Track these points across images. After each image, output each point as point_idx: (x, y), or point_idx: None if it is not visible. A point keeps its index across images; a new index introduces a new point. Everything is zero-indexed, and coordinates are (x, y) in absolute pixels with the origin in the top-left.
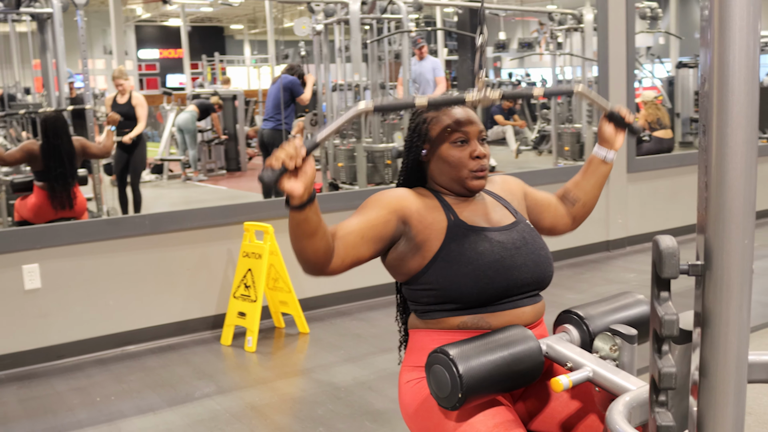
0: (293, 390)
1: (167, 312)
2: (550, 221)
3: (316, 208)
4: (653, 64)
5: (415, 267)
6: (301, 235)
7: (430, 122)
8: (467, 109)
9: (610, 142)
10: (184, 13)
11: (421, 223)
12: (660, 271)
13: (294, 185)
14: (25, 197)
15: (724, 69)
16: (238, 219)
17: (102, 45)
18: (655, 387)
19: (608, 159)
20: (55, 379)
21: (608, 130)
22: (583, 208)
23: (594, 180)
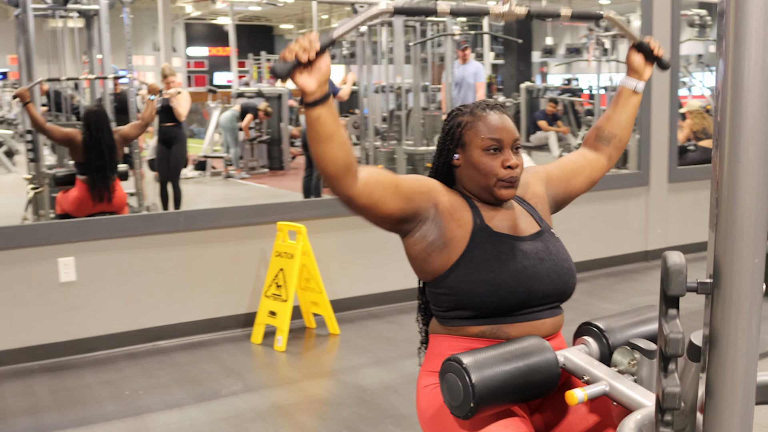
0: (320, 391)
1: (199, 309)
2: (586, 177)
3: (330, 109)
4: (703, 73)
5: (440, 267)
6: (316, 137)
7: (465, 127)
8: (503, 116)
9: (639, 73)
10: (233, 11)
11: (451, 216)
12: (666, 288)
13: (306, 80)
14: (67, 190)
15: (737, 83)
16: (271, 218)
17: (151, 42)
18: (659, 406)
19: (638, 89)
20: (86, 371)
21: (637, 60)
22: (619, 143)
23: (627, 112)
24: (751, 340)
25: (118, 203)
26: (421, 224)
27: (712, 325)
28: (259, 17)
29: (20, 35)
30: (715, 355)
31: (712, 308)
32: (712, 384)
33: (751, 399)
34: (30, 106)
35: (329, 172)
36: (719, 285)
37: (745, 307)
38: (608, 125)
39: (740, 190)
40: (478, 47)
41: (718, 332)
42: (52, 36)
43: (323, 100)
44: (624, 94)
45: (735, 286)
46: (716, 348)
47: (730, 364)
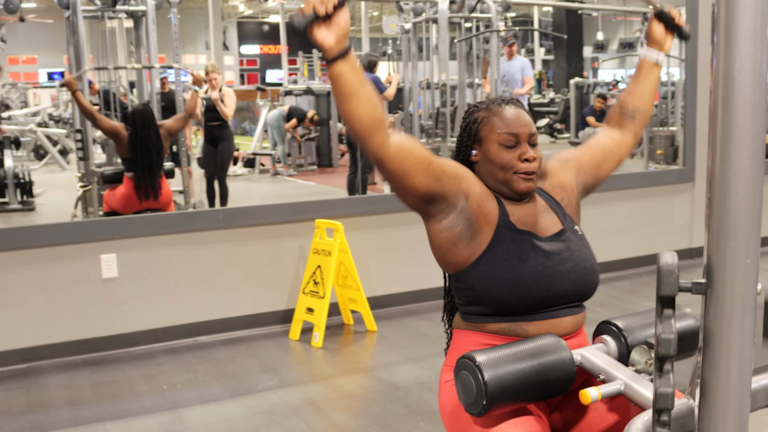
0: (353, 387)
1: (239, 305)
2: (616, 158)
3: (351, 64)
4: None
5: (463, 260)
6: (339, 93)
7: (481, 122)
8: (520, 111)
9: (660, 44)
10: (284, 9)
11: (480, 210)
12: (659, 288)
13: (325, 35)
14: (114, 188)
15: (729, 81)
16: (310, 216)
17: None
18: (655, 407)
19: (659, 61)
20: (127, 365)
21: (658, 31)
22: (643, 117)
23: (650, 84)
24: (745, 340)
25: (164, 201)
26: (447, 211)
27: (706, 325)
28: None
29: (70, 36)
30: (708, 355)
31: (706, 308)
32: (706, 385)
33: (746, 400)
34: (78, 93)
35: (357, 129)
36: (712, 285)
37: (739, 308)
38: (632, 99)
39: (732, 189)
40: (529, 42)
41: (711, 333)
42: (103, 37)
43: (343, 55)
44: (645, 67)
45: (728, 287)
46: (710, 348)
47: (725, 364)
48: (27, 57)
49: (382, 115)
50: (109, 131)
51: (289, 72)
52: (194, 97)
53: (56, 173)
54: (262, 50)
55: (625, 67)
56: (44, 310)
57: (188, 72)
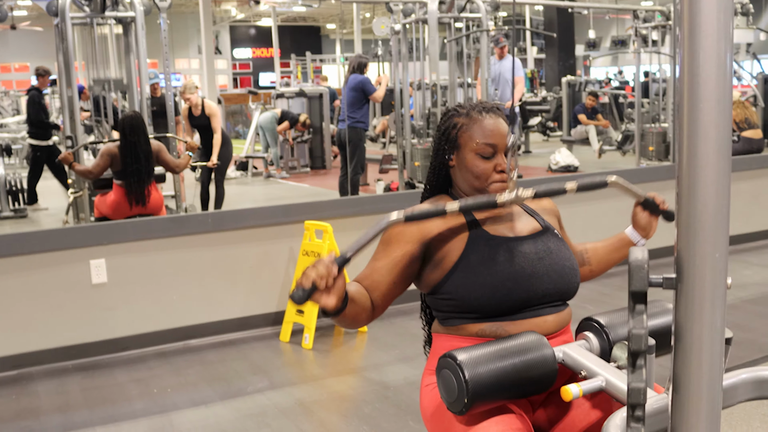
0: (343, 388)
1: (229, 308)
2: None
3: (351, 303)
4: (752, 62)
5: (435, 278)
6: (345, 323)
7: (460, 129)
8: (498, 120)
9: (645, 230)
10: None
11: (442, 241)
12: (629, 284)
13: (327, 300)
14: (105, 194)
15: (694, 76)
16: (299, 218)
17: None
18: (629, 402)
19: (639, 244)
20: (118, 370)
21: (643, 218)
22: (589, 273)
23: (613, 257)
24: (715, 334)
25: (154, 206)
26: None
27: (677, 320)
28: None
29: (59, 43)
30: (680, 350)
31: (676, 303)
32: (678, 379)
33: (717, 394)
34: (75, 165)
35: (362, 324)
36: (682, 280)
37: (708, 302)
38: (591, 253)
39: (699, 184)
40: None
41: (682, 327)
42: (93, 43)
43: (344, 306)
44: (622, 241)
45: (698, 281)
46: (681, 343)
47: (696, 359)
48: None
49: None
50: (107, 164)
51: (282, 75)
52: (186, 160)
53: (49, 180)
54: (255, 53)
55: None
56: (34, 317)
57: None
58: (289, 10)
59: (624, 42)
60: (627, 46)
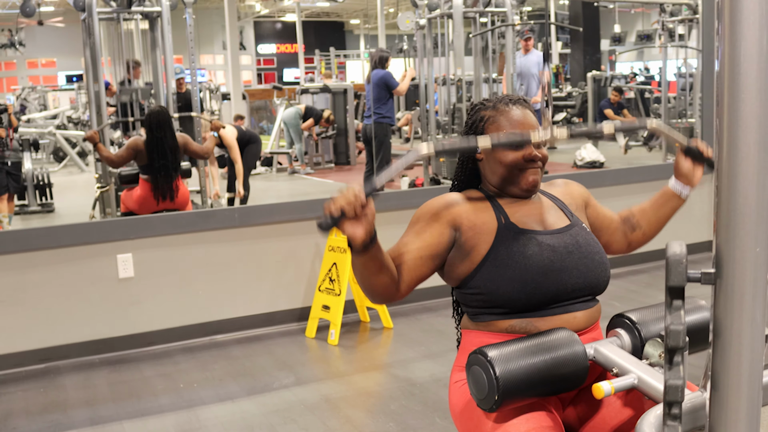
0: (369, 384)
1: (255, 303)
2: (606, 239)
3: (378, 247)
4: None
5: (464, 271)
6: (367, 274)
7: (487, 121)
8: (526, 112)
9: (688, 178)
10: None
11: (471, 229)
12: (667, 279)
13: (355, 230)
14: (131, 189)
15: (735, 66)
16: None
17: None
18: (665, 400)
19: (683, 195)
20: (144, 364)
21: (686, 165)
22: (643, 236)
23: (662, 213)
24: (755, 331)
25: (180, 201)
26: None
27: (715, 316)
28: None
29: (86, 38)
30: (719, 347)
31: (715, 298)
32: (717, 376)
33: (757, 392)
34: (99, 146)
35: (380, 295)
36: (721, 275)
37: (749, 298)
38: (639, 216)
39: (740, 177)
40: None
41: (721, 324)
42: (119, 39)
43: (372, 243)
44: (666, 195)
45: (738, 277)
46: (720, 339)
47: (735, 356)
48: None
49: (395, 272)
50: (131, 157)
51: (306, 70)
52: (212, 141)
53: (75, 175)
54: (279, 49)
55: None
56: (61, 311)
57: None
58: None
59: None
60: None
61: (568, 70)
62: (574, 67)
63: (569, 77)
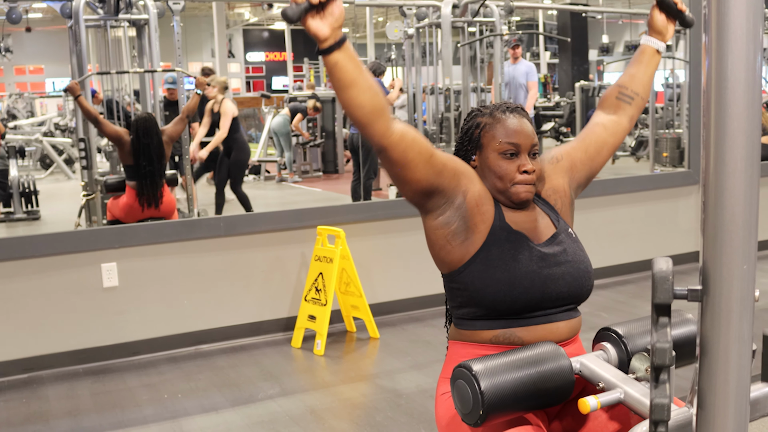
0: (355, 395)
1: (240, 313)
2: (610, 147)
3: (348, 54)
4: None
5: (458, 258)
6: (337, 84)
7: (483, 128)
8: (522, 120)
9: (662, 32)
10: None
11: (477, 208)
12: (653, 296)
13: (319, 25)
14: (117, 197)
15: (722, 80)
16: (311, 223)
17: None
18: (651, 418)
19: (660, 49)
20: (128, 374)
21: (660, 19)
22: (641, 102)
23: (650, 71)
24: (743, 348)
25: (166, 209)
26: (445, 207)
27: (703, 332)
28: None
29: (73, 45)
30: (705, 364)
31: (702, 316)
32: (703, 394)
33: (744, 408)
34: (81, 98)
35: (358, 118)
36: (708, 292)
37: (736, 315)
38: (632, 83)
39: (727, 193)
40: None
41: (708, 341)
42: (106, 46)
43: (339, 44)
44: (647, 53)
45: (725, 294)
46: (706, 357)
47: (722, 373)
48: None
49: (383, 102)
50: (112, 136)
51: (295, 78)
52: (195, 99)
53: (62, 182)
54: (268, 57)
55: None
56: (45, 320)
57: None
58: None
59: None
60: None
61: (557, 80)
62: (562, 77)
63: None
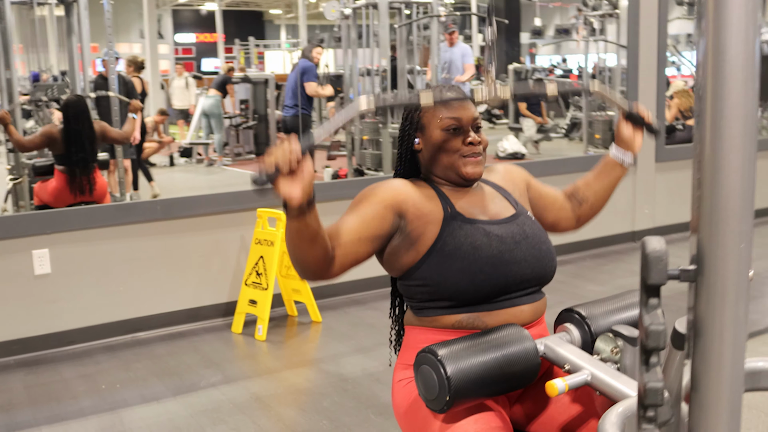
0: (300, 381)
1: (178, 299)
2: (553, 218)
3: (315, 214)
4: (693, 52)
5: (409, 261)
6: (299, 242)
7: (423, 109)
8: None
9: (629, 144)
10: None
11: (418, 217)
12: (646, 277)
13: (291, 189)
14: (45, 181)
15: (719, 56)
16: (251, 205)
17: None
18: (641, 402)
19: (626, 163)
20: (63, 365)
21: (626, 131)
22: (590, 209)
23: (606, 183)
24: (738, 328)
25: (98, 194)
26: (396, 236)
27: (697, 314)
28: (248, 2)
29: None
30: (700, 345)
31: (696, 296)
32: (698, 376)
33: (739, 390)
34: (10, 128)
35: (311, 270)
36: (703, 272)
37: (732, 295)
38: (584, 189)
39: (724, 169)
40: (467, 29)
41: (703, 322)
42: (32, 25)
43: (309, 206)
44: (608, 164)
45: (720, 273)
46: (701, 338)
47: (717, 354)
48: None
49: (330, 246)
50: (44, 145)
51: (226, 60)
52: (132, 124)
53: None
54: (198, 38)
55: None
56: None
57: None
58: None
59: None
60: (570, 34)
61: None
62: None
63: None
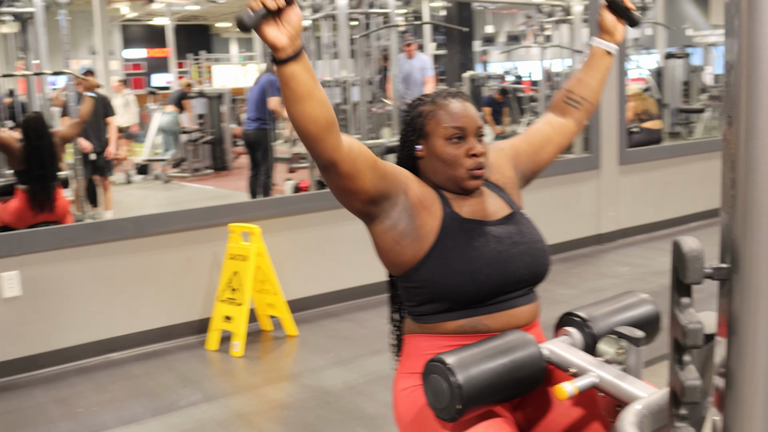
0: (281, 396)
1: (151, 317)
2: (555, 145)
3: (305, 65)
4: (639, 55)
5: (411, 258)
6: (292, 96)
7: (426, 116)
8: (466, 104)
9: (611, 33)
10: (171, 11)
11: (421, 205)
12: (683, 276)
13: (277, 34)
14: (6, 201)
15: (753, 56)
16: (223, 220)
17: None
18: (676, 400)
19: (612, 50)
20: (36, 389)
21: (609, 20)
22: (590, 106)
23: (599, 74)
24: None
25: (60, 212)
26: (390, 209)
27: (731, 313)
28: (197, 16)
29: None
30: (735, 344)
31: (730, 295)
32: (732, 375)
33: None
34: None
35: (310, 132)
36: (737, 270)
37: (767, 292)
38: (579, 88)
39: (759, 168)
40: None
41: (737, 320)
42: None
43: (296, 55)
44: (596, 56)
45: (755, 271)
46: (736, 337)
47: (751, 352)
48: None
49: (334, 115)
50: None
51: (179, 75)
52: (89, 102)
53: None
54: (149, 53)
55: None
56: None
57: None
58: (182, 9)
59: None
60: (520, 40)
61: (443, 71)
62: (448, 68)
63: (444, 78)
